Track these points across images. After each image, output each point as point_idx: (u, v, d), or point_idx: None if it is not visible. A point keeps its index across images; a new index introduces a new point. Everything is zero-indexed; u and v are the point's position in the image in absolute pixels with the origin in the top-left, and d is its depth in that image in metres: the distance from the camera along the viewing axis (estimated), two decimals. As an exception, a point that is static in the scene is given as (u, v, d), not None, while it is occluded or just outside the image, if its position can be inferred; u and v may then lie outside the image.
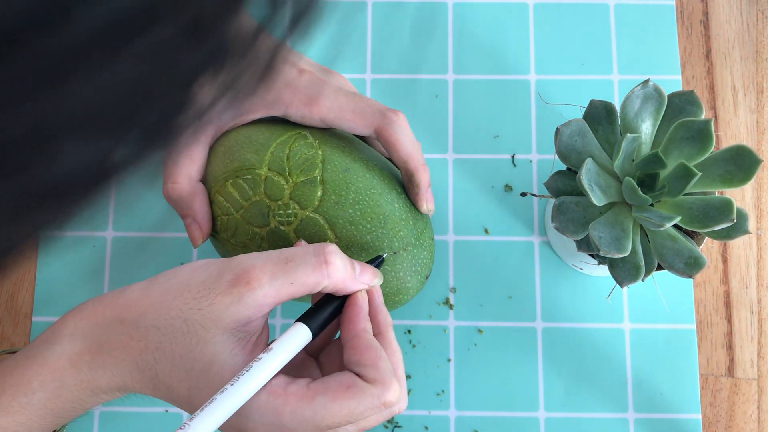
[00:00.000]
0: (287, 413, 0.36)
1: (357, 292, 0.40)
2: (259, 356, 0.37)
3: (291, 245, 0.45)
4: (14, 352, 0.48)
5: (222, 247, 0.48)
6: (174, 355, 0.37)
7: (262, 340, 0.39)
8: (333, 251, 0.39)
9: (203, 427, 0.35)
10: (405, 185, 0.47)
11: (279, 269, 0.38)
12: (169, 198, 0.48)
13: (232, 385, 0.35)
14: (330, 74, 0.51)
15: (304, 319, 0.39)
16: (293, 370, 0.41)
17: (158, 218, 0.56)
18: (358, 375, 0.38)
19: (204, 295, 0.38)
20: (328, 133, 0.48)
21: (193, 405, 0.38)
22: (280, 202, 0.45)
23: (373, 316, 0.41)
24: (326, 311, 0.40)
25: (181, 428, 0.34)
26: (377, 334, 0.41)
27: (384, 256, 0.44)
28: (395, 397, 0.37)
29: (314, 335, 0.39)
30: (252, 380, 0.36)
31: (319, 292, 0.42)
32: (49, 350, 0.39)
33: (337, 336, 0.44)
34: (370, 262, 0.43)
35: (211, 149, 0.49)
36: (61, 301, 0.55)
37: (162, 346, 0.38)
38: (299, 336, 0.39)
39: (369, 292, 0.41)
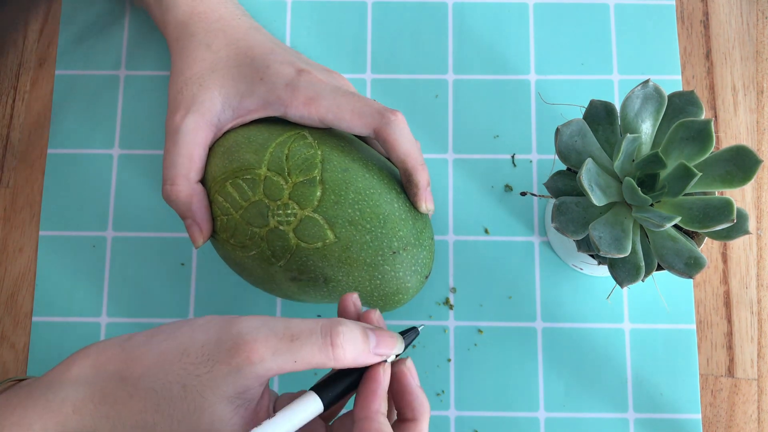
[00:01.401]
0: None
1: (378, 366, 0.38)
2: (262, 424, 0.36)
3: (290, 245, 0.45)
4: (21, 380, 0.47)
5: (221, 248, 0.48)
6: (172, 419, 0.37)
7: (263, 405, 0.39)
8: (342, 332, 0.36)
9: None
10: (404, 185, 0.47)
11: (283, 346, 0.36)
12: (168, 199, 0.48)
13: None
14: (329, 74, 0.51)
15: (317, 389, 0.38)
16: (300, 429, 0.40)
17: (158, 218, 0.56)
18: None
19: (202, 361, 0.36)
20: (327, 132, 0.48)
21: None
22: (279, 202, 0.45)
23: (408, 401, 0.38)
24: (343, 384, 0.38)
25: None
26: (411, 419, 0.38)
27: (420, 329, 0.41)
28: None
29: (326, 408, 0.37)
30: None
31: None
32: (53, 393, 0.39)
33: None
34: (403, 333, 0.40)
35: (211, 150, 0.49)
36: (61, 301, 0.55)
37: (160, 409, 0.37)
38: (309, 407, 0.37)
39: (402, 374, 0.38)
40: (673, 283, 0.55)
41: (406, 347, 0.39)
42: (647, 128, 0.46)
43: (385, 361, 0.38)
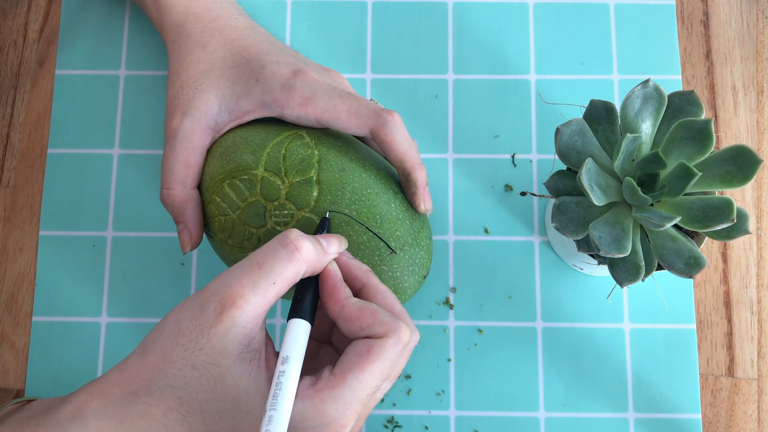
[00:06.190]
0: (329, 406, 0.37)
1: (327, 265, 0.40)
2: (281, 370, 0.37)
3: None
4: (29, 401, 0.47)
5: (219, 248, 0.48)
6: (200, 403, 0.37)
7: (270, 350, 0.39)
8: (298, 236, 0.39)
9: None
10: (402, 185, 0.47)
11: (256, 276, 0.37)
12: (165, 203, 0.48)
13: (274, 409, 0.36)
14: (327, 73, 0.51)
15: (294, 314, 0.39)
16: (311, 362, 0.42)
17: (158, 218, 0.57)
18: (367, 337, 0.38)
19: (197, 334, 0.37)
20: (324, 132, 0.48)
21: None
22: (276, 203, 0.45)
23: (349, 272, 0.42)
24: (309, 294, 0.40)
25: None
26: (362, 287, 0.41)
27: (327, 215, 0.44)
28: (408, 334, 0.38)
29: (311, 322, 0.39)
30: (288, 396, 0.36)
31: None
32: (62, 431, 0.38)
33: None
34: (318, 231, 0.43)
35: (209, 150, 0.49)
36: (61, 301, 0.55)
37: (183, 401, 0.37)
38: (300, 332, 0.39)
39: (336, 258, 0.42)
40: (673, 283, 0.55)
41: (324, 232, 0.44)
42: (647, 128, 0.46)
43: None
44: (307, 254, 0.38)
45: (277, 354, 0.40)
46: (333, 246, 0.41)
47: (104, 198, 0.57)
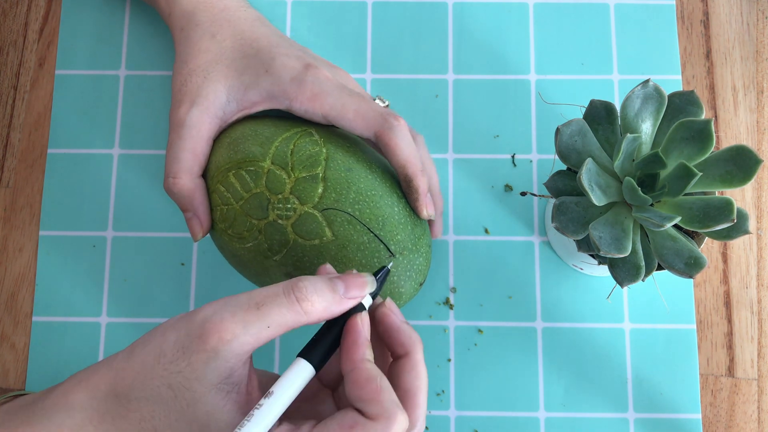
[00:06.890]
0: None
1: (355, 316, 0.38)
2: (260, 402, 0.35)
3: (287, 240, 0.45)
4: (22, 395, 0.47)
5: (219, 238, 0.48)
6: (170, 420, 0.37)
7: (253, 387, 0.38)
8: (305, 287, 0.37)
9: None
10: (404, 190, 0.47)
11: (251, 316, 0.36)
12: (171, 192, 0.48)
13: None
14: (335, 70, 0.51)
15: (305, 353, 0.37)
16: (304, 403, 0.40)
17: (159, 217, 0.57)
18: (360, 411, 0.36)
19: (178, 357, 0.36)
20: (333, 132, 0.48)
21: None
22: (280, 196, 0.45)
23: (395, 338, 0.39)
24: (327, 340, 0.38)
25: None
26: (403, 354, 0.39)
27: (389, 266, 0.41)
28: (401, 429, 0.35)
29: (317, 368, 0.37)
30: (255, 430, 0.35)
31: None
32: (48, 420, 0.38)
33: None
34: (375, 274, 0.40)
35: (216, 140, 0.49)
36: (61, 301, 0.55)
37: (156, 414, 0.37)
38: (301, 374, 0.37)
39: (383, 315, 0.39)
40: (673, 283, 0.55)
41: (379, 286, 0.40)
42: (647, 128, 0.46)
43: (363, 309, 0.38)
44: (311, 308, 0.36)
45: (261, 390, 0.39)
46: (353, 291, 0.38)
47: (104, 198, 0.57)
